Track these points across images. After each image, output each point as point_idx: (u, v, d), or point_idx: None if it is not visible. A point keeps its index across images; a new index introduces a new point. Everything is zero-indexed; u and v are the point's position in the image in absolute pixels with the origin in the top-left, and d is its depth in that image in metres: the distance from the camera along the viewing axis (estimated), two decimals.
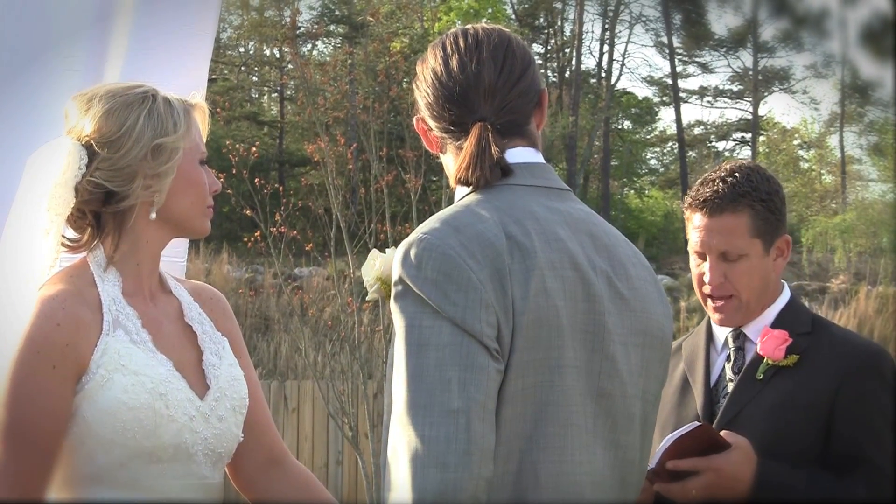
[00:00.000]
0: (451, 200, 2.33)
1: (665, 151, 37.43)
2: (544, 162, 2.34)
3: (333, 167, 11.15)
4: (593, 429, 2.19)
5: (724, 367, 2.94)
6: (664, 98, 35.75)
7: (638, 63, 40.97)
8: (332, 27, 31.37)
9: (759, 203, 2.88)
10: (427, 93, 2.33)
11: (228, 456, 2.56)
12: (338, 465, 12.54)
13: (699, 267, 2.94)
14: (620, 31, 34.26)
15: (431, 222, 2.19)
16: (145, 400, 2.38)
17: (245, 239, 12.12)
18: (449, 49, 2.32)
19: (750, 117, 35.07)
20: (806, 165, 36.04)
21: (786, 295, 2.96)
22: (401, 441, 2.06)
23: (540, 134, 2.37)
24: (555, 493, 2.14)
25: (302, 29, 29.29)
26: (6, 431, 2.33)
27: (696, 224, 2.92)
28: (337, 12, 31.00)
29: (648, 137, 36.79)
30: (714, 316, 2.95)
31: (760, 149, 35.38)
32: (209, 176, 2.55)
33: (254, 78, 33.09)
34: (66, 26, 3.07)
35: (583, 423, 2.18)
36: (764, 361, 2.84)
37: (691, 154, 35.76)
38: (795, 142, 36.23)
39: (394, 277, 2.16)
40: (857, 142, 36.87)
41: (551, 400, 2.14)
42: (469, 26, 2.37)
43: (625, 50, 34.36)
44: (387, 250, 2.42)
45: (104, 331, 2.41)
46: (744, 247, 2.88)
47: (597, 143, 32.68)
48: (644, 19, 34.46)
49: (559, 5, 33.59)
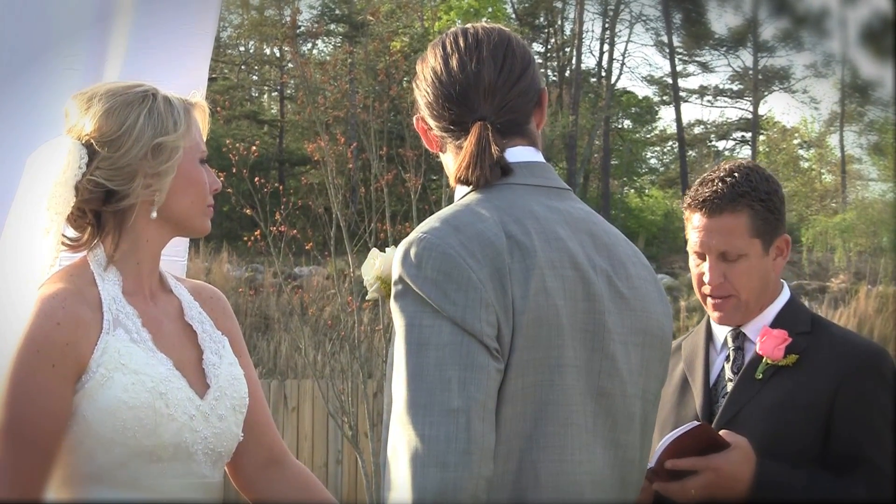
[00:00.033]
0: (451, 200, 2.33)
1: (665, 151, 37.41)
2: (544, 161, 2.34)
3: (333, 166, 11.15)
4: (593, 428, 2.19)
5: (724, 367, 2.93)
6: (664, 97, 35.74)
7: (638, 62, 41.17)
8: (333, 26, 31.35)
9: (759, 203, 2.88)
10: (427, 92, 2.32)
11: (228, 455, 2.56)
12: (337, 465, 12.54)
13: (699, 267, 2.94)
14: (620, 31, 34.31)
15: (431, 221, 2.19)
16: (145, 399, 2.38)
17: (245, 238, 12.12)
18: (449, 48, 2.32)
19: (750, 117, 35.05)
20: (806, 165, 36.02)
21: (785, 294, 2.96)
22: (401, 440, 2.06)
23: (540, 133, 2.37)
24: (555, 493, 2.14)
25: (302, 28, 29.32)
26: (5, 430, 2.33)
27: (696, 224, 2.92)
28: (337, 11, 30.98)
29: (648, 137, 36.76)
30: (713, 314, 2.95)
31: (760, 148, 35.35)
32: (209, 175, 2.55)
33: (254, 77, 33.07)
34: (66, 26, 3.07)
35: (583, 423, 2.18)
36: (763, 361, 2.84)
37: (691, 153, 35.74)
38: (795, 141, 36.20)
39: (394, 276, 2.16)
40: (857, 141, 36.86)
41: (551, 399, 2.14)
42: (469, 25, 2.36)
43: (625, 49, 34.40)
44: (387, 249, 2.41)
45: (104, 330, 2.40)
46: (743, 247, 2.87)
47: (597, 143, 32.66)
48: (644, 18, 34.51)
49: (559, 4, 33.59)
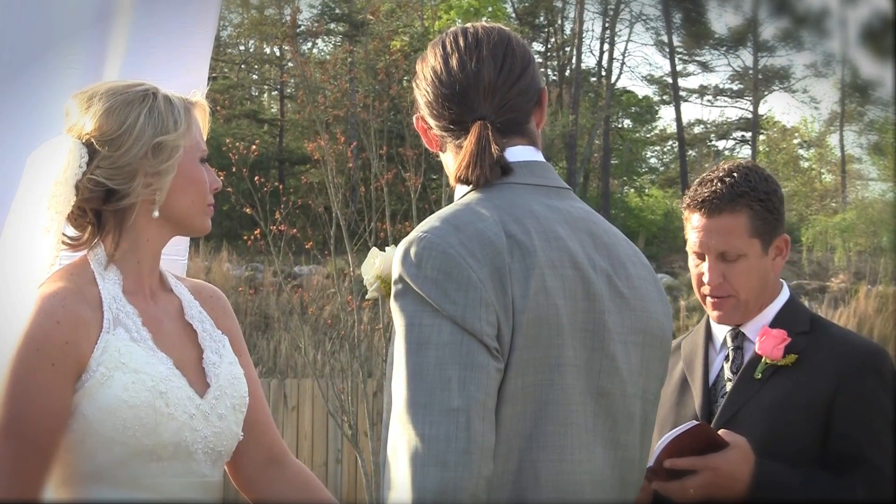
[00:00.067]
0: (451, 199, 2.33)
1: (665, 150, 37.41)
2: (544, 160, 2.34)
3: (333, 165, 11.14)
4: (593, 427, 2.19)
5: (723, 367, 2.93)
6: (664, 97, 35.73)
7: (638, 62, 41.20)
8: (333, 25, 31.33)
9: (758, 203, 2.88)
10: (427, 91, 2.32)
11: (228, 454, 2.56)
12: (337, 464, 12.54)
13: (698, 267, 2.94)
14: (620, 30, 34.29)
15: (431, 221, 2.19)
16: (145, 398, 2.38)
17: (245, 237, 12.10)
18: (449, 48, 2.32)
19: (750, 116, 35.04)
20: (806, 164, 36.02)
21: (784, 294, 2.96)
22: (401, 440, 2.06)
23: (540, 132, 2.37)
24: (554, 492, 2.14)
25: (302, 27, 29.30)
26: (5, 429, 2.33)
27: (695, 224, 2.92)
28: (337, 10, 30.96)
29: (648, 136, 36.75)
30: (713, 313, 2.95)
31: (760, 148, 35.35)
32: (210, 174, 2.55)
33: (254, 76, 33.05)
34: (66, 26, 3.07)
35: (582, 422, 2.18)
36: (762, 361, 2.84)
37: (691, 153, 35.73)
38: (795, 141, 36.19)
39: (394, 276, 2.16)
40: (857, 141, 36.87)
41: (551, 399, 2.14)
42: (469, 25, 2.36)
43: (625, 48, 34.46)
44: (387, 249, 2.41)
45: (104, 329, 2.40)
46: (742, 247, 2.87)
47: (597, 142, 32.66)
48: (644, 18, 34.50)
49: (559, 4, 33.58)
